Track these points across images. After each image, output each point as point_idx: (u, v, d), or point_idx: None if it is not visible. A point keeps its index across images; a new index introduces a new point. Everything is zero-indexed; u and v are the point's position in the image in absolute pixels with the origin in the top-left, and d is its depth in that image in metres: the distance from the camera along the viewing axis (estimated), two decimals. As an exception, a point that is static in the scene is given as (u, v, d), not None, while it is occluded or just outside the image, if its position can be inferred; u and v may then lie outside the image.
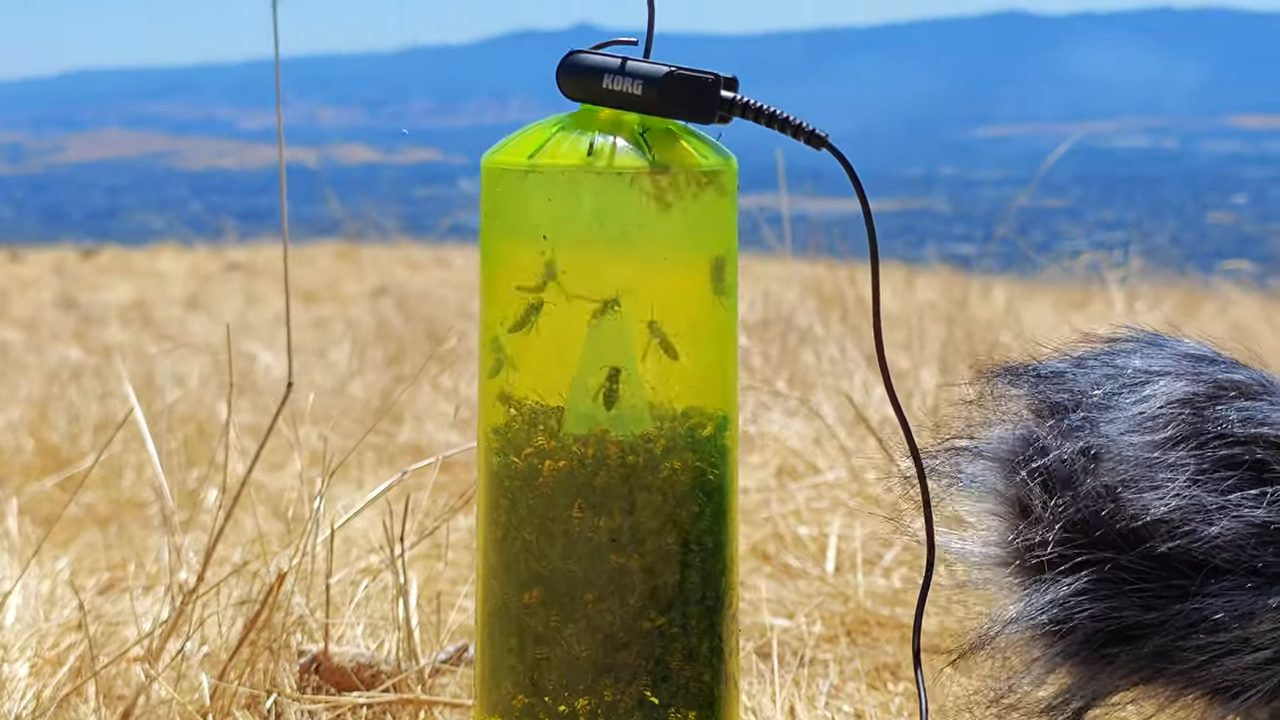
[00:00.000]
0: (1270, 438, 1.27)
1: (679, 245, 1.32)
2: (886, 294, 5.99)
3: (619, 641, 1.33)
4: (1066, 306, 6.86)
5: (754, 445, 3.33)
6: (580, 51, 1.32)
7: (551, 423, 1.32)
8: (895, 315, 5.21)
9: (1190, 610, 1.25)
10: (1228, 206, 36.76)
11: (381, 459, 3.67)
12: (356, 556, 2.27)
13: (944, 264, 8.28)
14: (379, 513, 2.69)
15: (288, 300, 1.92)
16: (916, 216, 34.70)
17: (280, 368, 5.50)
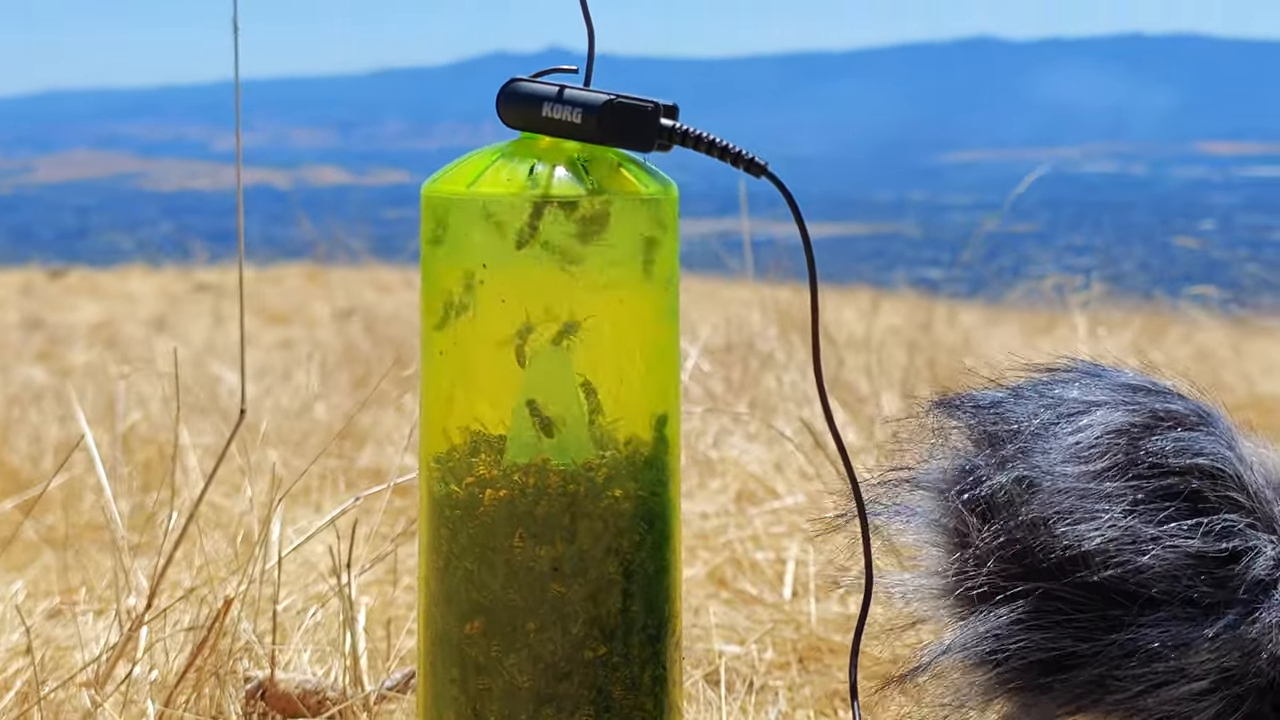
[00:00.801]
0: (1206, 468, 1.27)
1: (620, 273, 1.31)
2: (853, 318, 6.00)
3: (561, 671, 1.32)
4: (1033, 331, 6.88)
5: (714, 470, 3.33)
6: (520, 79, 1.32)
7: (493, 452, 1.32)
8: (860, 339, 5.22)
9: (1126, 641, 1.25)
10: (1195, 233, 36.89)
11: (341, 483, 3.66)
12: (312, 581, 2.26)
13: (913, 288, 8.31)
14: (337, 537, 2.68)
15: (242, 326, 1.91)
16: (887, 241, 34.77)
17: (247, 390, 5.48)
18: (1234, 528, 1.26)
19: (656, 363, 1.34)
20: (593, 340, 1.31)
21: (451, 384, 1.33)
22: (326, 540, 2.54)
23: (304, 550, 2.47)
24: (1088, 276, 6.20)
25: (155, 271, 11.13)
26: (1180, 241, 9.47)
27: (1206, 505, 1.26)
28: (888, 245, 32.81)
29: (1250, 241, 30.75)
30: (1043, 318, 6.98)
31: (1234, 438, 1.32)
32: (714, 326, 5.08)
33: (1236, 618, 1.25)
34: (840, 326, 5.84)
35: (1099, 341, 5.28)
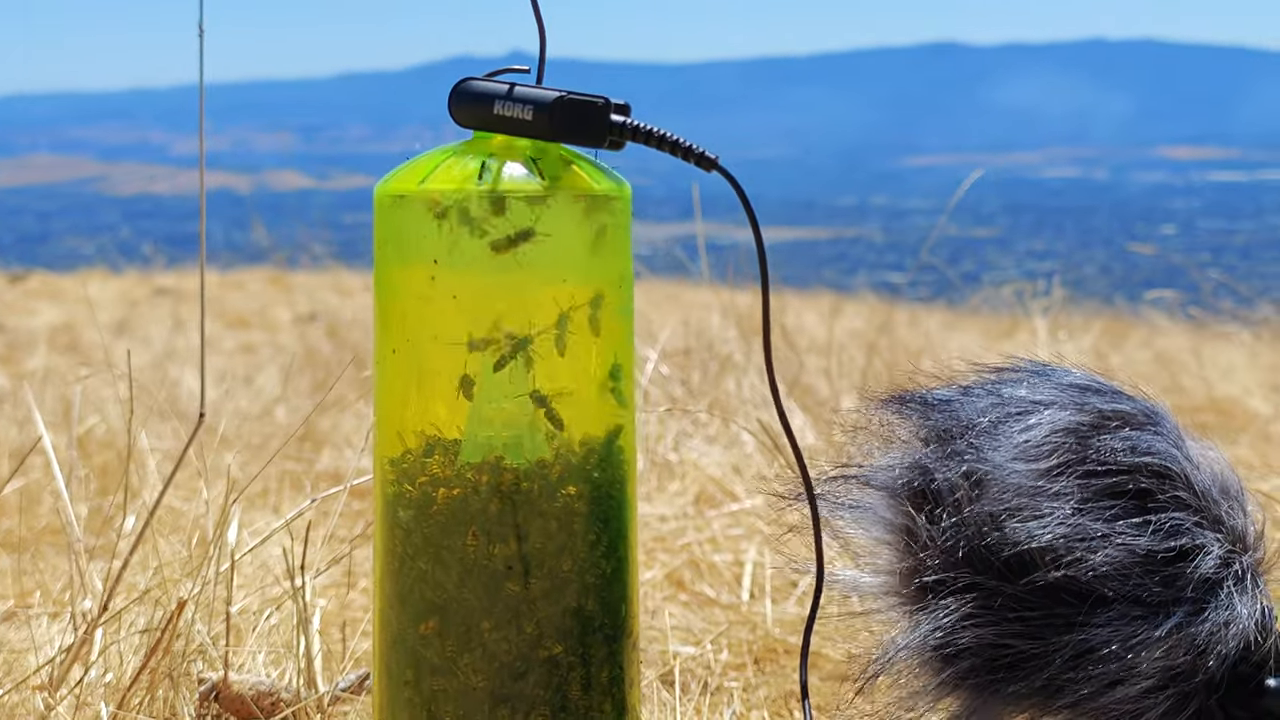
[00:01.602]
0: (1154, 466, 1.28)
1: (573, 270, 1.31)
2: (814, 321, 6.02)
3: (516, 671, 1.32)
4: (994, 335, 6.90)
5: (673, 473, 3.33)
6: (472, 79, 1.32)
7: (447, 453, 1.32)
8: (820, 343, 5.23)
9: (1076, 640, 1.25)
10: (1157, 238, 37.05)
11: (307, 485, 3.66)
12: (269, 584, 2.26)
13: (874, 292, 8.33)
14: (297, 539, 2.68)
15: (203, 330, 1.91)
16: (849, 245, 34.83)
17: (206, 394, 5.47)
18: (1182, 526, 1.27)
19: (610, 360, 1.34)
20: (545, 338, 1.31)
21: (406, 385, 1.33)
22: (284, 543, 2.54)
23: (262, 553, 2.46)
24: (1048, 281, 6.22)
25: (115, 276, 11.10)
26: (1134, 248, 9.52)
27: (1154, 504, 1.27)
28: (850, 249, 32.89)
29: (1211, 246, 30.91)
30: (1004, 321, 7.00)
31: (1181, 437, 1.33)
32: (673, 330, 5.08)
33: (1185, 616, 1.26)
34: (801, 330, 5.85)
35: (1060, 345, 5.30)
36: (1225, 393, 5.60)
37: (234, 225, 16.74)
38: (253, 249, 10.93)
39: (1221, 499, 1.31)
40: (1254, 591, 1.30)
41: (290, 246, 10.39)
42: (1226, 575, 1.28)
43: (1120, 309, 8.43)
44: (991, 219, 44.95)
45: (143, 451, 3.72)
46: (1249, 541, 1.32)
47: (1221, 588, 1.28)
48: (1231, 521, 1.30)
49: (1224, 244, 31.90)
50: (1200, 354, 6.36)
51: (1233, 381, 5.78)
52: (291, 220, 12.20)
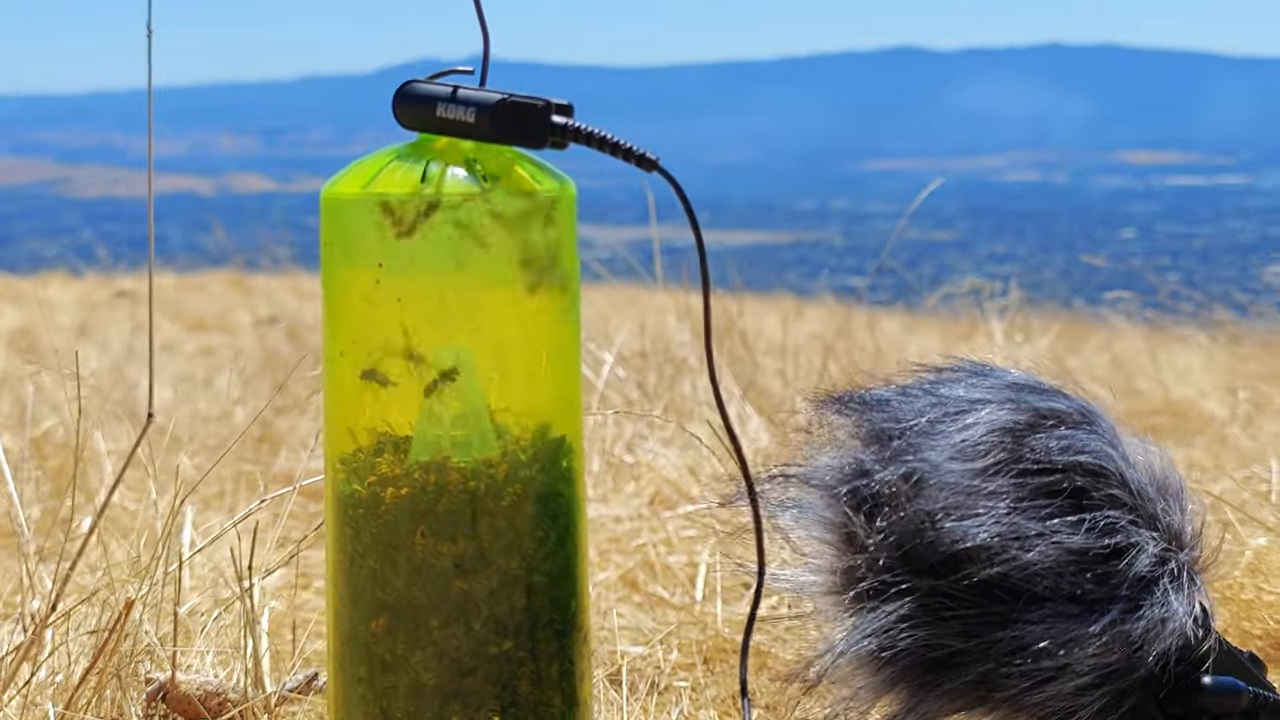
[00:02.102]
0: (1089, 465, 1.29)
1: (518, 270, 1.32)
2: (773, 324, 6.03)
3: (466, 667, 1.33)
4: (953, 338, 6.92)
5: (628, 474, 3.33)
6: (415, 81, 1.33)
7: (398, 451, 1.33)
8: (779, 345, 5.23)
9: (1011, 637, 1.26)
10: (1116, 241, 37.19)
11: (256, 487, 3.66)
12: (220, 584, 2.26)
13: (835, 296, 8.34)
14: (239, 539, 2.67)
15: (151, 332, 1.91)
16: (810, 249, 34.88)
17: (162, 397, 5.46)
18: (1116, 524, 1.28)
19: (556, 361, 1.35)
20: (491, 337, 1.32)
21: (355, 385, 1.34)
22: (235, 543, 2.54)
23: (215, 554, 2.46)
24: (1005, 283, 6.23)
25: (76, 279, 11.08)
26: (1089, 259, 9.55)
27: (1089, 502, 1.28)
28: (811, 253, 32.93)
29: (1170, 250, 31.01)
30: (964, 324, 7.02)
31: (1117, 436, 1.34)
32: (630, 333, 5.08)
33: (1120, 614, 1.27)
34: (760, 333, 5.86)
35: (1015, 347, 5.32)
36: (1181, 395, 5.62)
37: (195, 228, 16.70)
38: (214, 252, 10.93)
39: (1159, 497, 1.32)
40: (1190, 589, 1.31)
41: (251, 249, 10.39)
42: (1162, 573, 1.29)
43: (1079, 312, 8.46)
44: (952, 222, 45.07)
45: (99, 454, 3.72)
46: (1186, 540, 1.33)
47: (1157, 585, 1.29)
48: (1168, 520, 1.31)
49: (1183, 248, 32.02)
50: (1157, 357, 6.40)
51: (1189, 384, 5.81)
52: (253, 223, 12.18)
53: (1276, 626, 2.21)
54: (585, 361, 4.53)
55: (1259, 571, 2.30)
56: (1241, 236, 33.18)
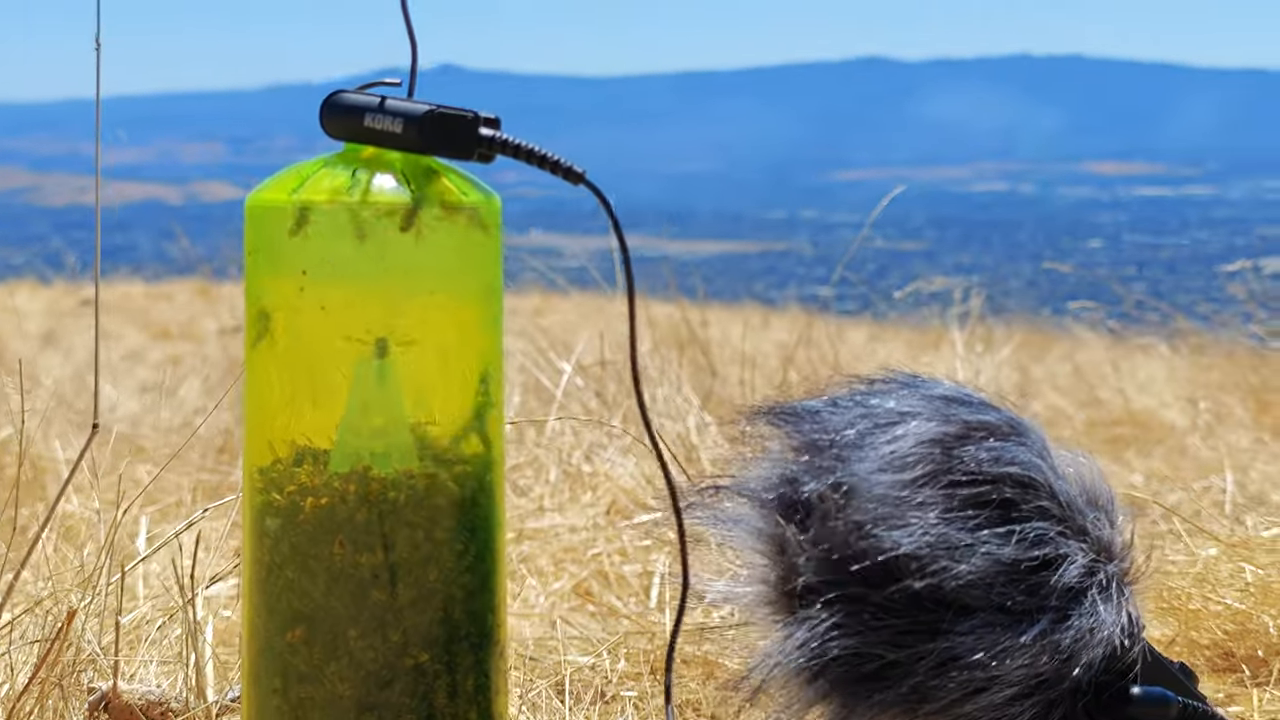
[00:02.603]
0: (1018, 477, 1.30)
1: (442, 281, 1.32)
2: (739, 334, 6.03)
3: (382, 679, 1.33)
4: (919, 347, 6.93)
5: (585, 484, 3.34)
6: (343, 91, 1.33)
7: (317, 462, 1.33)
8: (744, 355, 5.24)
9: (941, 648, 1.27)
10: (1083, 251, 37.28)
11: (215, 496, 3.65)
12: (166, 594, 2.26)
13: (802, 306, 8.35)
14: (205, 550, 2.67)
15: (96, 341, 1.91)
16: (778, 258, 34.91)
17: (126, 406, 5.46)
18: (1045, 536, 1.29)
19: (479, 372, 1.35)
20: (414, 349, 1.32)
21: (275, 394, 1.33)
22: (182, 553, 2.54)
23: (165, 564, 2.46)
24: (966, 293, 6.25)
25: (45, 286, 11.06)
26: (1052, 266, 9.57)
27: (1018, 514, 1.29)
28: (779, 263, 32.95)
29: (1137, 260, 31.09)
30: (930, 334, 7.04)
31: (1046, 448, 1.34)
32: (591, 342, 5.09)
33: (1049, 624, 1.28)
34: (726, 343, 5.87)
35: (977, 358, 5.33)
36: (1143, 405, 5.65)
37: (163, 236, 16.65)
38: (181, 260, 10.92)
39: (1088, 509, 1.33)
40: (1119, 600, 1.31)
41: (218, 258, 10.37)
42: (1091, 584, 1.30)
43: (1044, 322, 8.49)
44: (919, 232, 45.14)
45: (57, 462, 3.71)
46: (1115, 551, 1.33)
47: (1086, 596, 1.30)
48: (1097, 531, 1.32)
49: (1150, 258, 32.12)
50: (1119, 367, 6.42)
51: (1151, 394, 5.83)
52: (220, 231, 12.16)
53: (1224, 636, 2.22)
54: (544, 371, 4.53)
55: (1206, 582, 2.31)
56: (1208, 247, 33.31)
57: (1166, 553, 2.66)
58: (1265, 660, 2.16)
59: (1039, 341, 7.85)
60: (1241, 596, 2.26)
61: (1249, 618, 2.21)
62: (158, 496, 3.69)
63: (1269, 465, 4.13)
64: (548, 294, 8.98)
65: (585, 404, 4.14)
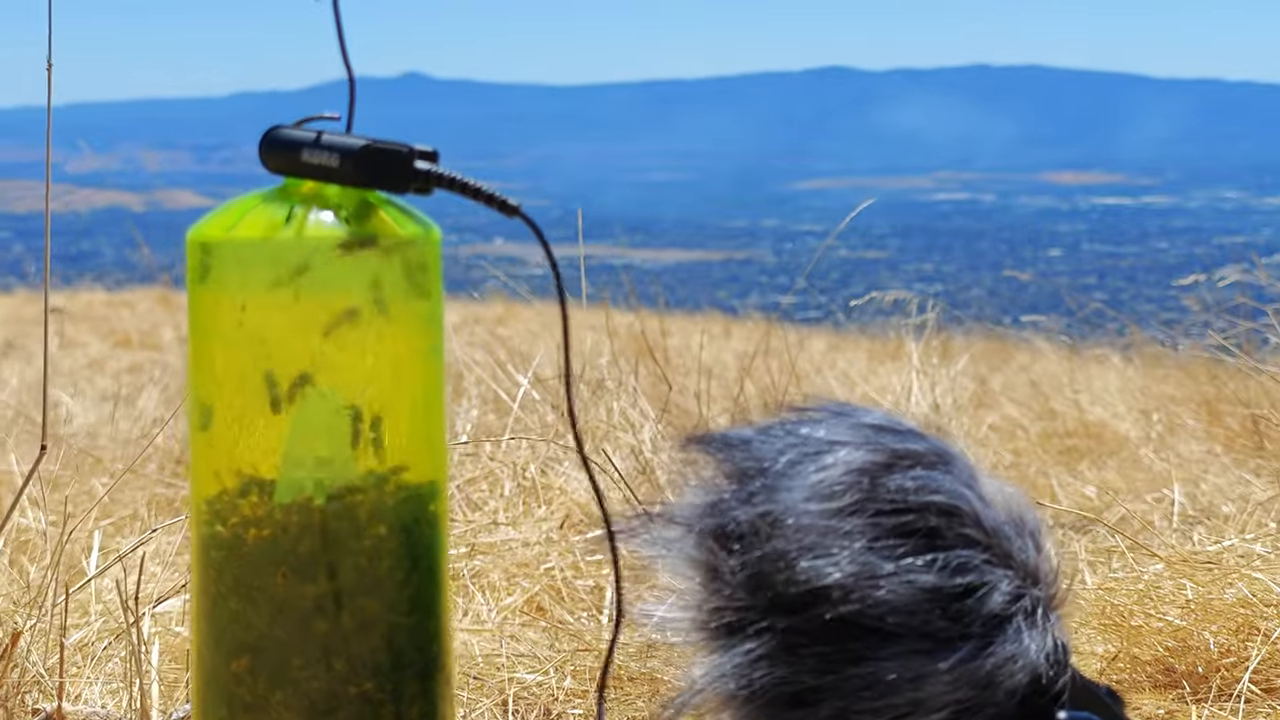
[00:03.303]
0: (943, 505, 1.32)
1: (380, 313, 1.34)
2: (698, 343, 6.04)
3: (327, 708, 1.34)
4: (881, 357, 6.95)
5: (540, 498, 3.35)
6: (281, 127, 1.35)
7: (262, 493, 1.34)
8: (703, 365, 5.25)
9: (865, 674, 1.29)
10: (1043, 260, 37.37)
11: (173, 511, 3.65)
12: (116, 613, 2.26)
13: (764, 315, 8.36)
14: (162, 567, 2.68)
15: (46, 361, 1.92)
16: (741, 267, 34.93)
17: (84, 417, 5.45)
18: (969, 563, 1.31)
19: (420, 403, 1.36)
20: (355, 379, 1.33)
21: (220, 426, 1.35)
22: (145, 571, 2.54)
23: (124, 581, 2.46)
24: (922, 302, 6.27)
25: (6, 295, 11.03)
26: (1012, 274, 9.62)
27: (943, 541, 1.31)
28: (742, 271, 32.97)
29: (1097, 270, 31.17)
30: (890, 344, 7.05)
31: (973, 476, 1.36)
32: (549, 353, 5.09)
33: (971, 651, 1.30)
34: (686, 351, 5.88)
35: (934, 369, 5.36)
36: (1097, 417, 5.68)
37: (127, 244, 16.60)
38: (143, 268, 10.90)
39: (1015, 536, 1.34)
40: (1045, 626, 1.33)
41: (180, 266, 10.34)
42: (1016, 610, 1.32)
43: (1003, 332, 8.52)
44: (882, 241, 45.22)
45: (13, 474, 3.71)
46: (1041, 577, 1.35)
47: (1010, 623, 1.31)
48: (1023, 557, 1.34)
49: (1109, 268, 32.22)
50: (1075, 378, 6.45)
51: (1105, 406, 5.86)
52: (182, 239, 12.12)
53: (1165, 653, 2.25)
54: (501, 384, 4.54)
55: (1149, 598, 2.34)
56: (1167, 257, 33.42)
57: (1112, 569, 2.69)
58: (1205, 677, 2.18)
59: (998, 351, 7.88)
60: (1183, 613, 2.28)
61: (1190, 634, 2.24)
62: (113, 510, 3.69)
63: (1219, 477, 4.16)
64: (510, 303, 8.99)
65: (542, 417, 4.15)
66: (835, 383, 5.96)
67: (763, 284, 24.49)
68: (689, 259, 37.51)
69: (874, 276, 28.96)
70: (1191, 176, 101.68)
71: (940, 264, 38.23)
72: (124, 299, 10.83)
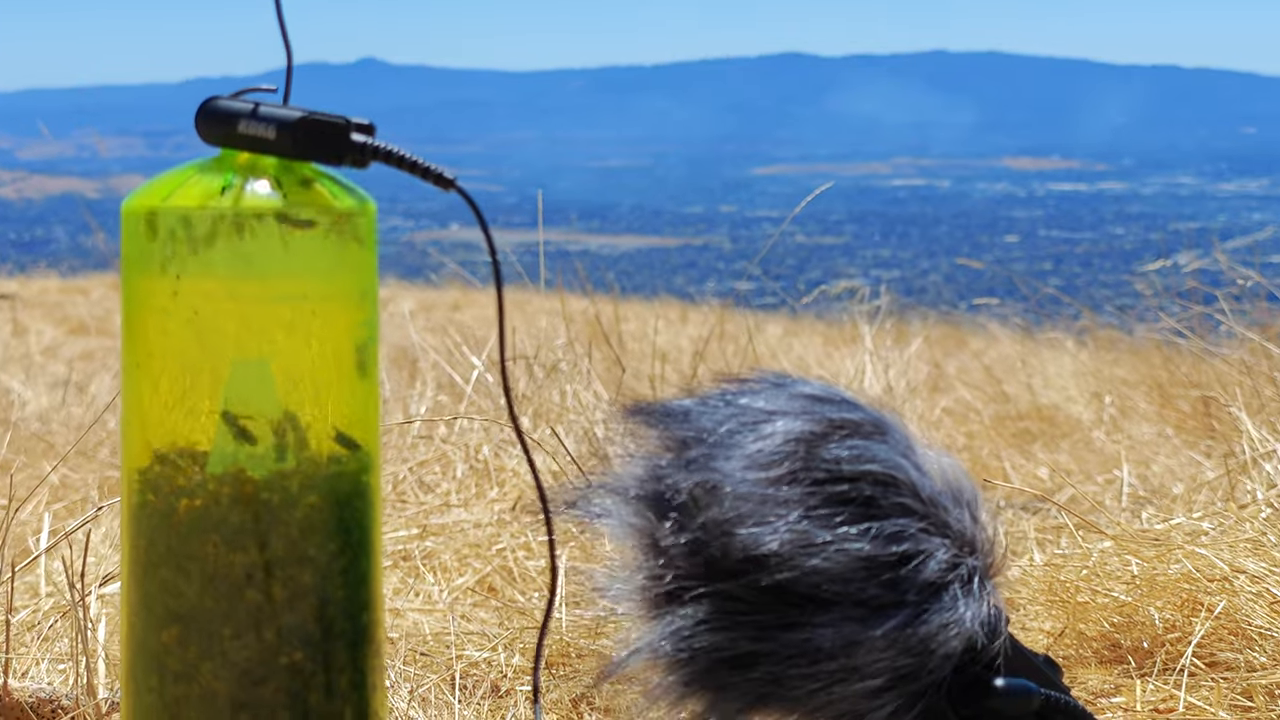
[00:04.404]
0: (879, 474, 1.33)
1: (314, 286, 1.34)
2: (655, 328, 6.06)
3: (257, 677, 1.35)
4: (837, 342, 6.98)
5: (493, 479, 3.35)
6: (217, 98, 1.35)
7: (194, 463, 1.34)
8: (658, 350, 5.26)
9: (800, 640, 1.30)
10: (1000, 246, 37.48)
11: (118, 492, 3.65)
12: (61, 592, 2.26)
13: (721, 300, 8.38)
14: (112, 549, 2.68)
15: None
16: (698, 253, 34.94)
17: (36, 402, 5.43)
18: (905, 532, 1.32)
19: (354, 374, 1.36)
20: (288, 351, 1.34)
21: (152, 396, 1.35)
22: (97, 551, 2.54)
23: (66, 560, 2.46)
24: (875, 288, 6.29)
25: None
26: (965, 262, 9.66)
27: (878, 510, 1.32)
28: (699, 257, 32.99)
29: (1054, 255, 31.28)
30: (846, 329, 7.07)
31: (910, 446, 1.37)
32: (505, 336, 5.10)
33: (906, 618, 1.31)
34: (642, 337, 5.89)
35: (888, 353, 5.38)
36: (1050, 400, 5.71)
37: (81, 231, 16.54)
38: (98, 255, 10.87)
39: (951, 505, 1.36)
40: (981, 594, 1.35)
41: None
42: (952, 579, 1.33)
43: (959, 317, 8.55)
44: (839, 227, 45.30)
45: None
46: (978, 546, 1.37)
47: (946, 591, 1.33)
48: (960, 527, 1.35)
49: (1065, 254, 32.33)
50: (1029, 362, 6.48)
51: (1058, 389, 5.89)
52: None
53: (1111, 628, 2.27)
54: (457, 368, 4.55)
55: (1095, 575, 2.35)
56: (1123, 243, 33.54)
57: (1061, 546, 2.71)
58: (1150, 651, 2.20)
59: (953, 337, 7.91)
60: (1129, 589, 2.30)
61: (1135, 610, 2.26)
62: (65, 494, 3.69)
63: (1170, 458, 4.19)
64: (466, 289, 8.98)
65: (496, 399, 4.15)
66: (790, 367, 5.99)
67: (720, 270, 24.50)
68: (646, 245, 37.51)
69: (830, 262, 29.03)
70: (1147, 163, 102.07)
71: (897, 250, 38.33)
72: (78, 285, 10.81)
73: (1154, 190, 69.98)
